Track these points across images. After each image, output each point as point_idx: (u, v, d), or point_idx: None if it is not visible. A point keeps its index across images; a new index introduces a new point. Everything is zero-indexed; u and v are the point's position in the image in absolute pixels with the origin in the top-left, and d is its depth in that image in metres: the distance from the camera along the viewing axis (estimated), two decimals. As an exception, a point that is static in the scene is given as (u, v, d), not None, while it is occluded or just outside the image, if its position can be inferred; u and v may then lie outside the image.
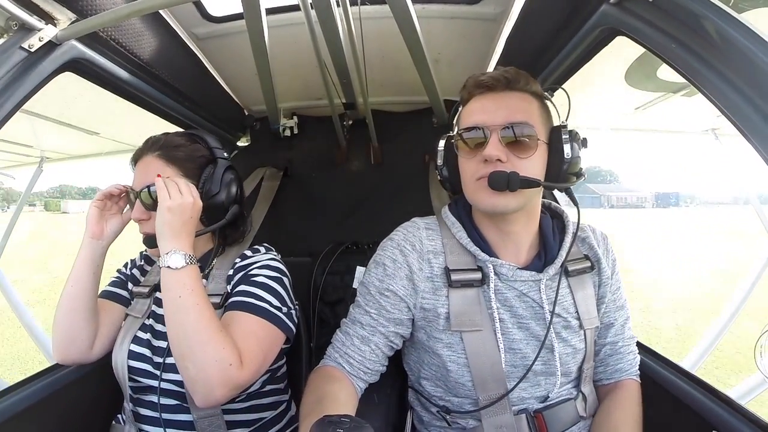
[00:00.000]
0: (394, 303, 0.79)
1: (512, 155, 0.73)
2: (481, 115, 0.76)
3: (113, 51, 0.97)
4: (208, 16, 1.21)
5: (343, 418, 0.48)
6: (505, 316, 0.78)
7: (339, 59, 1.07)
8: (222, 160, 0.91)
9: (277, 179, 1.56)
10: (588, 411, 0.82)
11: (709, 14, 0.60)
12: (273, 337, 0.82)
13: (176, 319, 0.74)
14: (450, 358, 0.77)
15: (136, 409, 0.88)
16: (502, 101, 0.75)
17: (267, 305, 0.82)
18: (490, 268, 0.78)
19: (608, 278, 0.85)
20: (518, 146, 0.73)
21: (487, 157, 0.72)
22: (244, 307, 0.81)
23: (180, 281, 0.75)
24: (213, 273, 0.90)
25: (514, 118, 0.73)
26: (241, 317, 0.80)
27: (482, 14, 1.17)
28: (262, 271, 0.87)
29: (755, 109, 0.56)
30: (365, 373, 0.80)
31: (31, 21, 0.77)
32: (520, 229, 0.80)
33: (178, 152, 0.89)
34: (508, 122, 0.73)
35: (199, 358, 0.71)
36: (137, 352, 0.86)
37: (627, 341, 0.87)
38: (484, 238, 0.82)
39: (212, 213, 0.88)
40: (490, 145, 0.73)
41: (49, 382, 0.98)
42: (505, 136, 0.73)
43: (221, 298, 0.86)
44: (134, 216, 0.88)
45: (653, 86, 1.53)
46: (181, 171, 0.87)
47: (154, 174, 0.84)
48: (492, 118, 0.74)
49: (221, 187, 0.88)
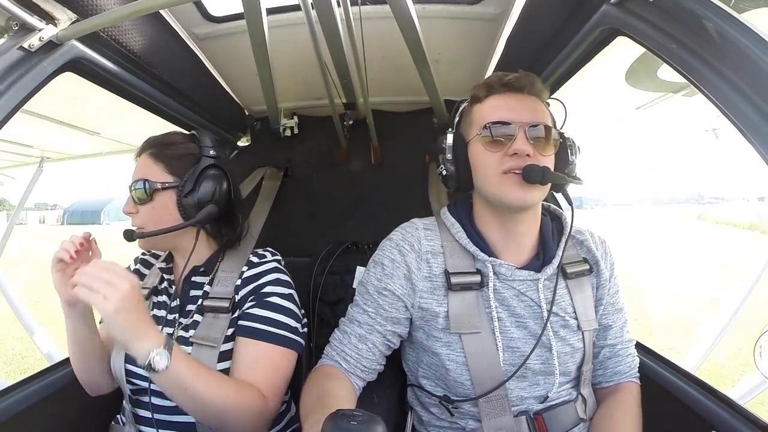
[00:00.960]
0: (392, 302, 0.80)
1: (536, 152, 0.76)
2: (508, 112, 0.78)
3: (114, 51, 0.97)
4: (208, 16, 1.21)
5: (355, 412, 0.48)
6: (504, 315, 0.78)
7: (339, 59, 1.07)
8: (206, 158, 0.89)
9: (278, 179, 1.56)
10: (588, 413, 0.83)
11: (709, 14, 0.60)
12: (290, 361, 0.86)
13: (194, 406, 0.75)
14: (449, 357, 0.77)
15: (135, 410, 0.88)
16: (525, 101, 0.79)
17: (284, 331, 0.85)
18: (489, 268, 0.79)
19: (606, 281, 0.86)
20: (541, 144, 0.76)
21: (518, 150, 0.74)
22: (263, 336, 0.83)
23: (176, 379, 0.70)
24: (218, 276, 0.91)
25: (540, 117, 0.78)
26: (260, 348, 0.83)
27: (483, 14, 1.17)
28: (275, 289, 0.88)
29: (755, 109, 0.56)
30: (362, 371, 0.80)
31: (32, 21, 0.77)
32: (525, 229, 0.82)
33: (169, 150, 0.90)
34: (535, 120, 0.76)
35: (232, 421, 0.75)
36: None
37: (625, 344, 0.88)
38: (484, 239, 0.82)
39: (187, 211, 0.87)
40: (519, 140, 0.75)
41: (49, 382, 0.98)
42: (531, 134, 0.76)
43: (230, 303, 0.86)
44: (124, 209, 0.90)
45: (653, 86, 1.54)
46: (167, 169, 0.88)
47: (141, 170, 0.88)
48: (519, 116, 0.77)
49: (196, 185, 0.87)
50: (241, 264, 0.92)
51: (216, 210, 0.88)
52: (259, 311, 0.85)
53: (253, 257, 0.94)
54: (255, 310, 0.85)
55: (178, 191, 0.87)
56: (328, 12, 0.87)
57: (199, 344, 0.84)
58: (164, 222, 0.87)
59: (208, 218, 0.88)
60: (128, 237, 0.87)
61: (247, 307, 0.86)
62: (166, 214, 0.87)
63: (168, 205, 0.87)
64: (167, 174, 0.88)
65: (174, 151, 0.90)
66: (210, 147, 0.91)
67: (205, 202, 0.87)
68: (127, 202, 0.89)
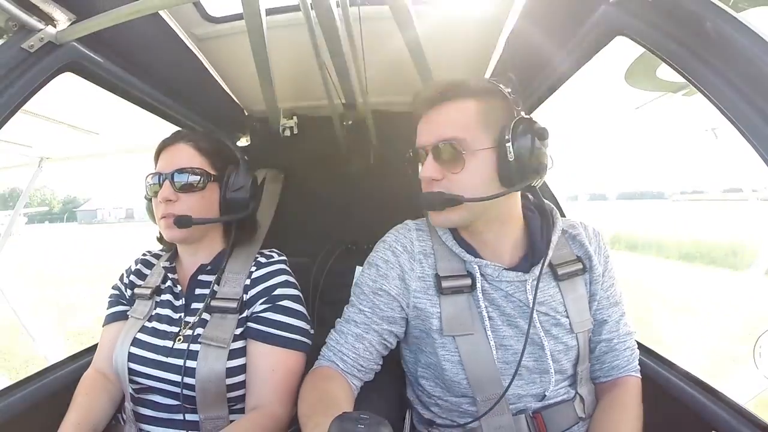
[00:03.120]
0: (387, 302, 0.80)
1: (447, 172, 0.74)
2: (419, 136, 0.78)
3: (113, 52, 0.97)
4: (207, 17, 1.21)
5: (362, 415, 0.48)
6: (494, 314, 0.78)
7: (339, 60, 1.07)
8: (244, 162, 0.95)
9: (280, 181, 1.56)
10: (587, 411, 0.82)
11: (708, 14, 0.60)
12: (303, 363, 0.88)
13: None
14: (444, 357, 0.78)
15: (136, 409, 0.88)
16: (433, 118, 0.76)
17: (297, 335, 0.87)
18: (476, 269, 0.79)
19: (599, 276, 0.85)
20: (449, 163, 0.73)
21: (421, 178, 0.75)
22: (279, 341, 0.86)
23: None
24: (226, 276, 0.91)
25: (443, 134, 0.74)
26: (276, 354, 0.85)
27: (482, 14, 1.17)
28: (286, 291, 0.90)
29: (755, 109, 0.56)
30: (359, 371, 0.80)
31: (31, 22, 0.77)
32: (495, 236, 0.80)
33: (208, 146, 0.92)
34: (437, 140, 0.74)
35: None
36: (138, 355, 0.87)
37: (623, 338, 0.86)
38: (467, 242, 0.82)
39: (234, 207, 0.91)
40: (424, 166, 0.75)
41: (49, 382, 0.98)
42: (436, 155, 0.74)
43: (238, 303, 0.87)
44: (163, 195, 0.86)
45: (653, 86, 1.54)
46: (209, 161, 0.91)
47: (186, 158, 0.89)
48: (426, 138, 0.76)
49: (245, 183, 0.92)
50: (249, 264, 0.93)
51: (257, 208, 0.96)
52: (273, 315, 0.87)
53: (260, 257, 0.95)
54: (269, 314, 0.87)
55: (225, 186, 0.91)
56: (328, 12, 0.87)
57: (208, 344, 0.84)
58: (208, 213, 0.90)
59: (247, 216, 0.94)
60: (184, 223, 0.85)
61: (259, 310, 0.87)
62: (210, 205, 0.90)
63: (214, 197, 0.91)
64: (212, 168, 0.91)
65: (218, 146, 0.94)
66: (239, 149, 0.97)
67: (251, 200, 0.94)
68: (164, 188, 0.87)
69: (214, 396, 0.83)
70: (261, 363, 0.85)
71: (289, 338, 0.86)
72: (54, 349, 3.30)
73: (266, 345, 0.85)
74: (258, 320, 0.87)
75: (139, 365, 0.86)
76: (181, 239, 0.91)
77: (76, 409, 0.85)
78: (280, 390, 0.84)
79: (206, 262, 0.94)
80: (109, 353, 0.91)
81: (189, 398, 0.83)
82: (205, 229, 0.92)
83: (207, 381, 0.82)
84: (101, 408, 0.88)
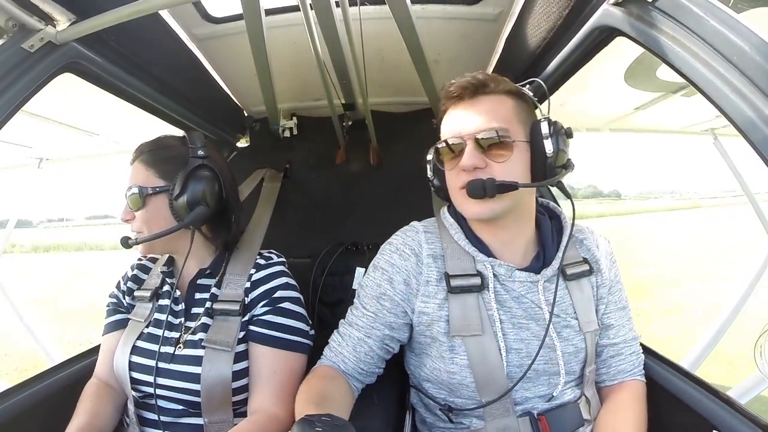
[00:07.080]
0: (390, 307, 0.79)
1: (490, 161, 0.74)
2: (455, 126, 0.77)
3: (113, 52, 0.97)
4: (207, 17, 1.21)
5: (323, 417, 0.48)
6: (505, 317, 0.77)
7: (338, 60, 1.07)
8: (194, 159, 0.87)
9: (278, 180, 1.56)
10: (592, 413, 0.82)
11: (707, 14, 0.60)
12: (304, 365, 0.88)
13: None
14: (452, 360, 0.77)
15: (140, 413, 0.88)
16: (472, 108, 0.76)
17: (299, 337, 0.88)
18: (489, 269, 0.78)
19: (608, 280, 0.85)
20: (494, 151, 0.74)
21: (463, 167, 0.74)
22: (281, 344, 0.86)
23: None
24: (226, 279, 0.91)
25: (487, 123, 0.74)
26: (278, 356, 0.85)
27: (482, 15, 1.17)
28: (287, 293, 0.90)
29: (754, 109, 0.56)
30: (360, 374, 0.80)
31: (31, 22, 0.77)
32: (513, 233, 0.81)
33: (159, 154, 0.90)
34: (480, 129, 0.74)
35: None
36: (139, 363, 0.87)
37: (629, 342, 0.87)
38: (481, 241, 0.82)
39: (180, 214, 0.86)
40: (465, 155, 0.74)
41: (50, 383, 0.98)
42: (480, 143, 0.74)
43: (239, 305, 0.87)
44: (121, 217, 0.90)
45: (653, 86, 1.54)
46: (157, 173, 0.88)
47: (135, 176, 0.88)
48: (465, 127, 0.75)
49: (185, 187, 0.85)
50: (249, 266, 0.92)
51: (207, 211, 0.87)
52: (273, 317, 0.87)
53: (259, 259, 0.94)
54: (269, 317, 0.87)
55: (169, 195, 0.86)
56: (327, 12, 0.87)
57: (212, 348, 0.84)
58: (160, 226, 0.87)
59: (200, 219, 0.87)
60: (125, 244, 0.87)
61: (260, 313, 0.87)
62: (160, 218, 0.87)
63: (161, 209, 0.87)
64: (158, 178, 0.87)
65: (164, 154, 0.90)
66: (199, 147, 0.89)
67: (195, 204, 0.86)
68: (123, 209, 0.89)
69: (219, 400, 0.83)
70: (262, 365, 0.84)
71: (290, 340, 0.86)
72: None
73: (267, 347, 0.85)
74: (259, 323, 0.87)
75: (140, 374, 0.86)
76: (146, 253, 0.94)
77: (82, 414, 0.85)
78: (282, 392, 0.83)
79: (205, 266, 0.94)
80: (110, 362, 0.91)
81: (194, 403, 0.83)
82: (170, 239, 0.87)
83: (213, 385, 0.82)
84: (106, 415, 0.88)
